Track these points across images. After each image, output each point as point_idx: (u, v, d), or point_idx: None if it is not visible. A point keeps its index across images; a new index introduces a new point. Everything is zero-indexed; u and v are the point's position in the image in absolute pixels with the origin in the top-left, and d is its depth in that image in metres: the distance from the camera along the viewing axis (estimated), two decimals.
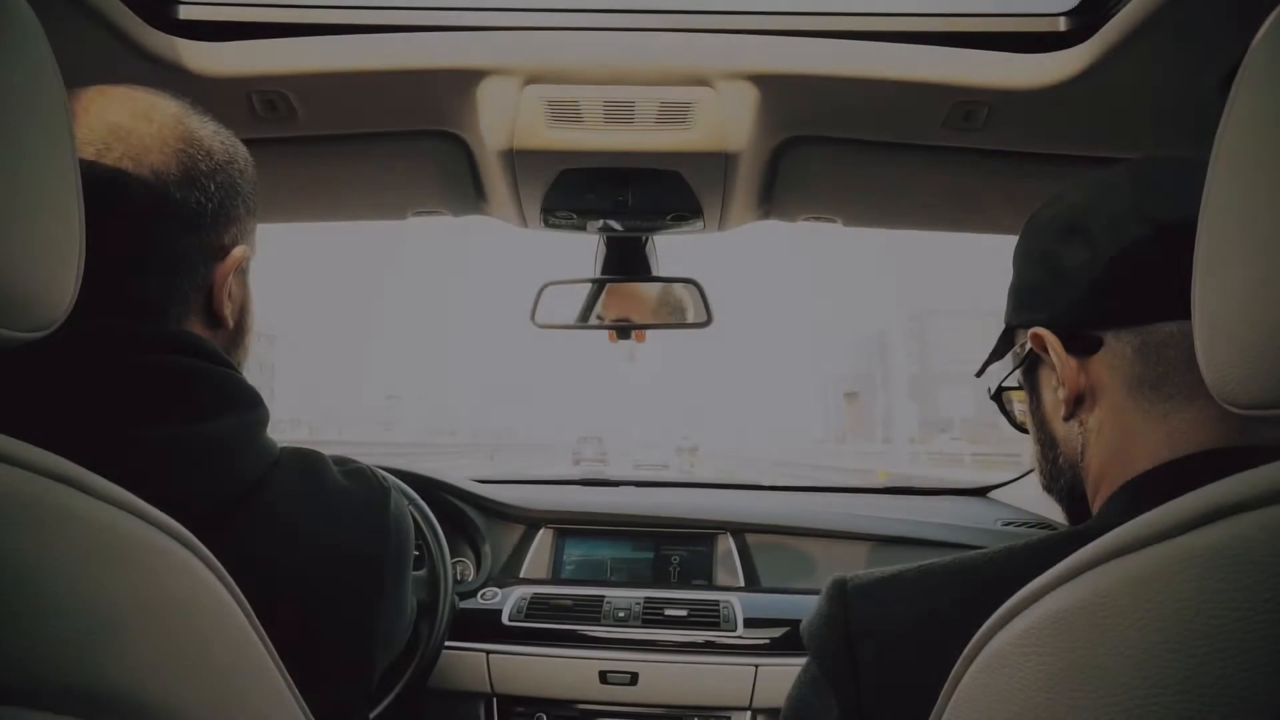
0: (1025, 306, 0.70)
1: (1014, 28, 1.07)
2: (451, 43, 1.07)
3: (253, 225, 0.77)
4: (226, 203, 0.71)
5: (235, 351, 0.77)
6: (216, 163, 0.71)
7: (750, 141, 1.13)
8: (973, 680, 0.45)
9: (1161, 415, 0.61)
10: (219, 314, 0.72)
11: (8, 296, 0.44)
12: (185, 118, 0.71)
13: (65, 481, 0.41)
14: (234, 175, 0.73)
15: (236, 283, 0.74)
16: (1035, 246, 0.69)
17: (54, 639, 0.38)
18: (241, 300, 0.76)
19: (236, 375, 0.69)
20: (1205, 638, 0.34)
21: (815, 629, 0.64)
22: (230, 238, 0.73)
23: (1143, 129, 1.10)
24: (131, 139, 0.66)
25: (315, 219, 1.51)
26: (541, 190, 1.26)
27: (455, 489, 1.78)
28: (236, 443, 0.65)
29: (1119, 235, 0.62)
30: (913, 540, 1.69)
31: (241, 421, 0.66)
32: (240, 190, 0.74)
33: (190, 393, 0.64)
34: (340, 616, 0.67)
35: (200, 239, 0.69)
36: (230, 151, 0.74)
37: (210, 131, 0.72)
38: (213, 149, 0.71)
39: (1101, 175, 0.68)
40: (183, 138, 0.69)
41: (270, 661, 0.52)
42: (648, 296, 1.56)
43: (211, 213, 0.70)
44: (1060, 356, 0.66)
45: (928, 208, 1.42)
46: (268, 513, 0.65)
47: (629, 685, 1.51)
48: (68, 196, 0.49)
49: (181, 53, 1.04)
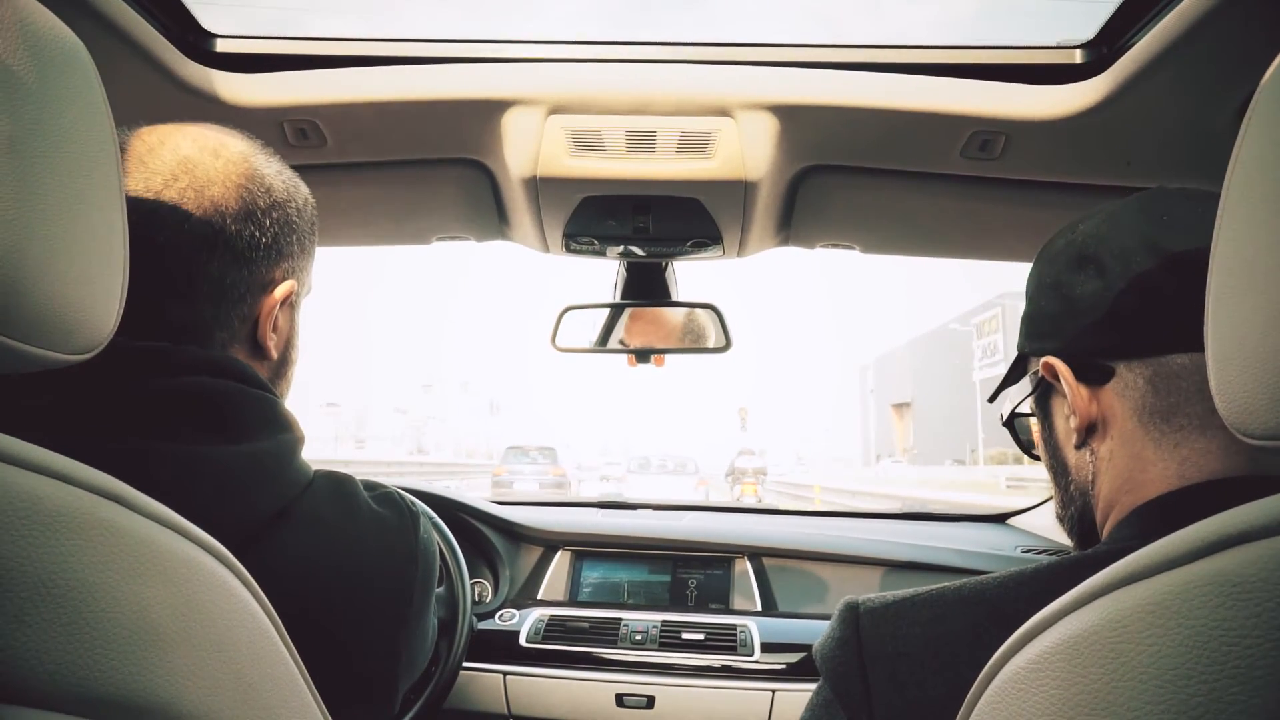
0: (1038, 335, 0.71)
1: (1031, 59, 1.08)
2: (477, 74, 1.10)
3: (306, 263, 0.80)
4: (280, 239, 0.74)
5: (279, 382, 0.80)
6: (275, 200, 0.74)
7: (770, 170, 1.15)
8: (988, 704, 0.45)
9: (1173, 445, 0.62)
10: (263, 344, 0.74)
11: (52, 320, 0.46)
12: (252, 156, 0.74)
13: (112, 498, 0.43)
14: (290, 213, 0.76)
15: (283, 316, 0.77)
16: (1048, 275, 0.70)
17: (98, 649, 0.40)
18: (288, 334, 0.79)
19: (272, 398, 0.70)
20: (1217, 665, 0.34)
21: (827, 651, 0.64)
22: (281, 272, 0.75)
23: (1159, 160, 1.11)
24: (197, 171, 0.69)
25: (343, 244, 1.54)
26: (564, 217, 1.28)
27: (475, 510, 1.79)
28: (272, 463, 0.66)
29: (1130, 266, 0.62)
30: (931, 566, 1.68)
31: (276, 443, 0.68)
32: (296, 228, 0.77)
33: (227, 414, 0.66)
34: (367, 638, 0.68)
35: (251, 271, 0.72)
36: (290, 191, 0.77)
37: (274, 171, 0.75)
38: (273, 187, 0.74)
39: (1113, 206, 0.69)
40: (246, 174, 0.72)
41: (301, 680, 0.53)
42: (667, 321, 1.57)
43: (265, 247, 0.73)
44: (1072, 385, 0.66)
45: (945, 235, 1.43)
46: (299, 534, 0.66)
47: (645, 709, 1.50)
48: (113, 226, 0.51)
49: (217, 84, 1.07)
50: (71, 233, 0.47)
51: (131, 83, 1.00)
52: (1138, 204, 0.67)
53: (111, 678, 0.40)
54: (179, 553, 0.45)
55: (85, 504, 0.42)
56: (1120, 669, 0.37)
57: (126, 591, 0.42)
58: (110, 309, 0.52)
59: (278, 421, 0.69)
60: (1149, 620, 0.37)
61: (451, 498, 1.79)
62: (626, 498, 2.22)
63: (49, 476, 0.41)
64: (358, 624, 0.68)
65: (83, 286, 0.48)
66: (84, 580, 0.40)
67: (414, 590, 0.73)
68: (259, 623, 0.50)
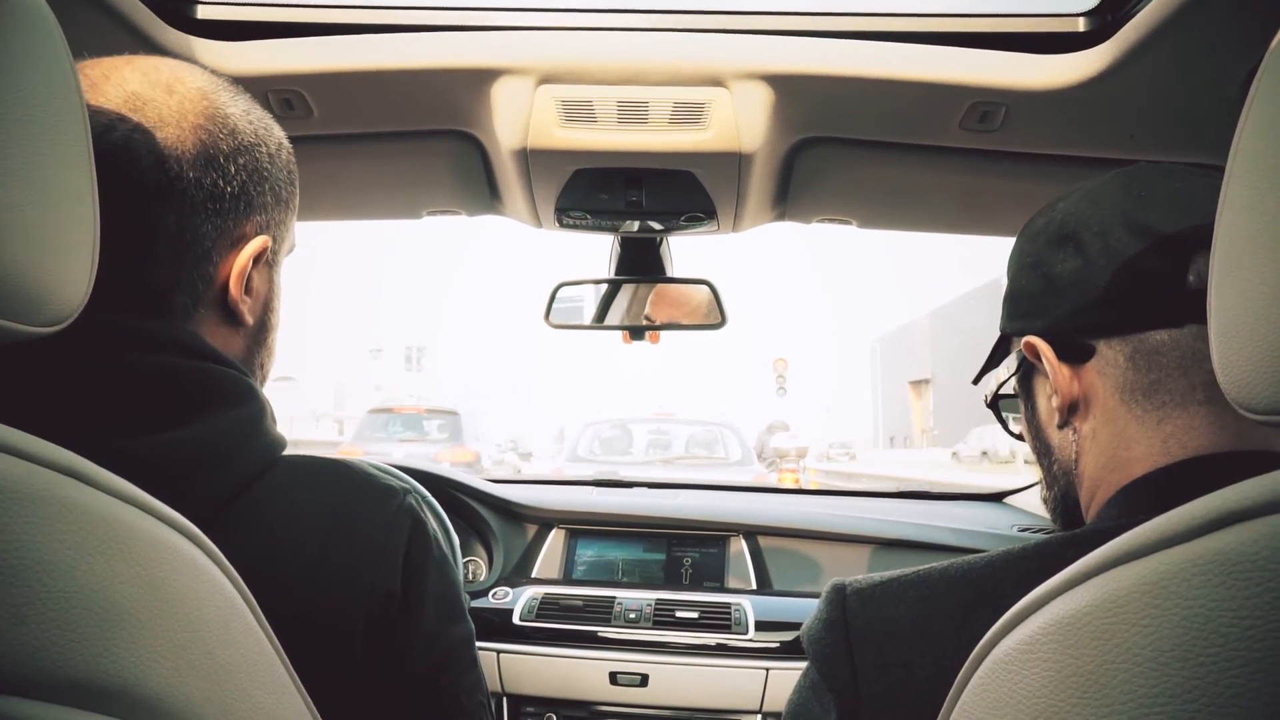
0: (1019, 314, 0.71)
1: (1032, 28, 1.06)
2: (466, 42, 1.08)
3: (284, 216, 0.72)
4: (249, 187, 0.66)
5: (258, 351, 0.72)
6: (241, 143, 0.66)
7: (764, 142, 1.13)
8: (979, 684, 0.44)
9: (1156, 422, 0.61)
10: (235, 308, 0.67)
11: (18, 291, 0.44)
12: (213, 93, 0.66)
13: (73, 475, 0.42)
14: (260, 159, 0.68)
15: (260, 276, 0.69)
16: (1029, 254, 0.70)
17: (57, 631, 0.38)
18: (266, 296, 0.71)
19: (223, 370, 0.63)
20: (1216, 645, 0.33)
21: (814, 634, 0.64)
22: (253, 226, 0.67)
23: (1162, 131, 1.09)
24: (148, 110, 0.61)
25: (330, 218, 1.52)
26: (555, 190, 1.27)
27: (468, 488, 1.79)
28: (224, 444, 0.61)
29: (1109, 244, 0.62)
30: (927, 545, 1.68)
31: (230, 419, 0.62)
32: (268, 176, 0.68)
33: (173, 395, 0.60)
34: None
35: (214, 225, 0.64)
36: (260, 134, 0.68)
37: (240, 110, 0.67)
38: (238, 128, 0.66)
39: (1092, 183, 0.68)
40: (205, 113, 0.64)
41: (275, 656, 0.52)
42: (662, 297, 1.56)
43: (230, 198, 0.65)
44: (1053, 365, 0.66)
45: (944, 210, 1.41)
46: (259, 513, 0.62)
47: (639, 687, 1.50)
48: (82, 191, 0.50)
49: (198, 52, 1.05)
50: (36, 198, 0.46)
51: (106, 50, 0.97)
52: (1117, 181, 0.66)
53: (73, 660, 0.39)
54: (144, 530, 0.44)
55: (44, 481, 0.40)
56: (1114, 650, 0.36)
57: (88, 570, 0.40)
58: (80, 279, 0.50)
59: (231, 394, 0.63)
60: (1145, 600, 0.36)
61: (445, 475, 1.79)
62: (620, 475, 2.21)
63: (6, 453, 0.40)
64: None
65: (49, 255, 0.47)
66: (43, 559, 0.39)
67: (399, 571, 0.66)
68: (229, 600, 0.49)
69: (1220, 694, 0.33)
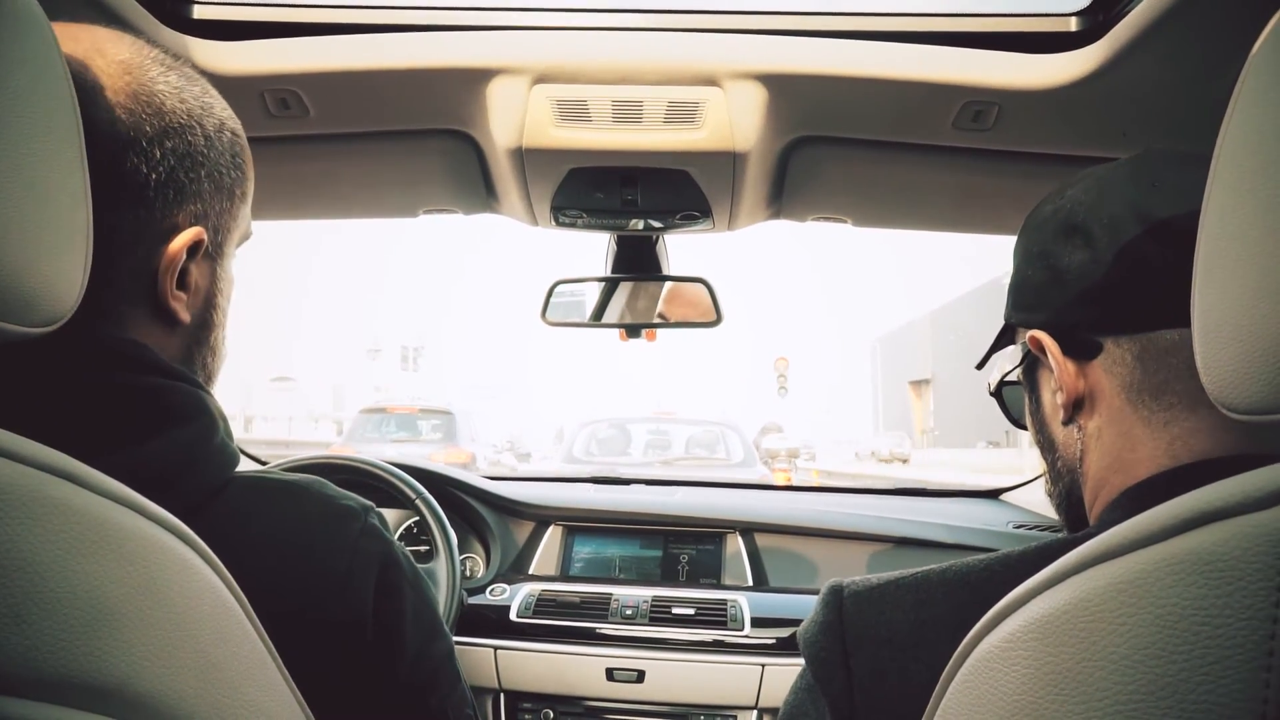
0: (1024, 306, 0.68)
1: (1024, 27, 1.06)
2: (461, 42, 1.08)
3: (227, 205, 0.66)
4: (179, 174, 0.60)
5: (199, 352, 0.67)
6: (169, 125, 0.60)
7: (759, 141, 1.13)
8: (961, 683, 0.45)
9: (1162, 424, 0.60)
10: (165, 306, 0.61)
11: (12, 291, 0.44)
12: (138, 68, 0.59)
13: (63, 475, 0.42)
14: (195, 142, 0.61)
15: (199, 270, 0.64)
16: (1035, 244, 0.67)
17: (49, 631, 0.39)
18: (207, 292, 0.66)
19: (169, 384, 0.59)
20: (1188, 644, 0.34)
21: (810, 636, 0.63)
22: (187, 217, 0.61)
23: (1155, 129, 1.09)
24: None
25: (326, 216, 1.52)
26: (551, 189, 1.27)
27: (466, 485, 1.79)
28: (164, 468, 0.56)
29: (1119, 237, 0.60)
30: (922, 542, 1.68)
31: (173, 440, 0.57)
32: (204, 161, 0.62)
33: (110, 415, 0.56)
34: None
35: (138, 215, 0.59)
36: (195, 114, 0.62)
37: (171, 86, 0.61)
38: (166, 108, 0.60)
39: (1102, 170, 0.66)
40: (127, 90, 0.58)
41: (267, 654, 0.52)
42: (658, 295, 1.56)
43: (156, 184, 0.59)
44: (1058, 360, 0.64)
45: (937, 208, 1.41)
46: (210, 543, 0.55)
47: (636, 683, 1.51)
48: (75, 191, 0.50)
49: (195, 52, 1.05)
50: (28, 198, 0.46)
51: None
52: (1127, 169, 0.64)
53: (65, 659, 0.39)
54: (135, 530, 0.45)
55: (34, 481, 0.41)
56: (1090, 648, 0.37)
57: (80, 570, 0.41)
58: (74, 279, 0.50)
59: (175, 412, 0.58)
60: (1120, 599, 0.36)
61: (443, 472, 1.80)
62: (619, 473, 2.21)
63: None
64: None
65: (42, 254, 0.47)
66: (33, 560, 0.39)
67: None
68: (221, 599, 0.49)
69: (1193, 691, 0.33)
